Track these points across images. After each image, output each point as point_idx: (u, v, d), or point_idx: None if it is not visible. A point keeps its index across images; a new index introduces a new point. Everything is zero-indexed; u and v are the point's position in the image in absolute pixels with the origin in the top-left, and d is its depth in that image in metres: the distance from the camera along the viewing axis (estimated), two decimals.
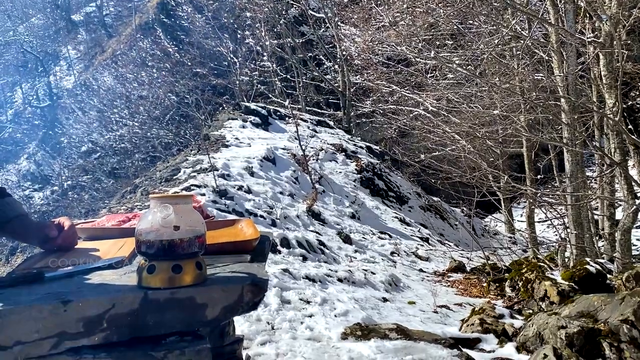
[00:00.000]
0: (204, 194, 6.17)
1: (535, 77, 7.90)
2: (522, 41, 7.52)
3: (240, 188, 6.93)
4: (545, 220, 9.22)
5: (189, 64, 18.31)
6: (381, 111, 14.16)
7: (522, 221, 11.81)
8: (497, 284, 6.01)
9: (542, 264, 5.87)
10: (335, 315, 4.00)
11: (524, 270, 5.63)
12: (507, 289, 5.70)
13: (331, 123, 13.78)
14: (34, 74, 28.99)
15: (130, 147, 15.71)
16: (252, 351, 3.11)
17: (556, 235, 8.29)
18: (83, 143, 17.69)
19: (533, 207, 10.21)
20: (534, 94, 6.50)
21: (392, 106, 13.36)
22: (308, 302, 4.16)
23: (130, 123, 16.57)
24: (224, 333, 1.79)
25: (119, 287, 1.19)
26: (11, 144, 23.99)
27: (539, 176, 8.93)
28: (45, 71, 28.08)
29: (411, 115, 12.56)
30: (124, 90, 18.22)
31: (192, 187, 6.38)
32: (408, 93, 11.66)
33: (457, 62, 8.55)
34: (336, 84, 16.84)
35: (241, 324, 3.42)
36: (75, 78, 26.54)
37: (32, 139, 23.66)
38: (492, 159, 11.66)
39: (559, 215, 8.07)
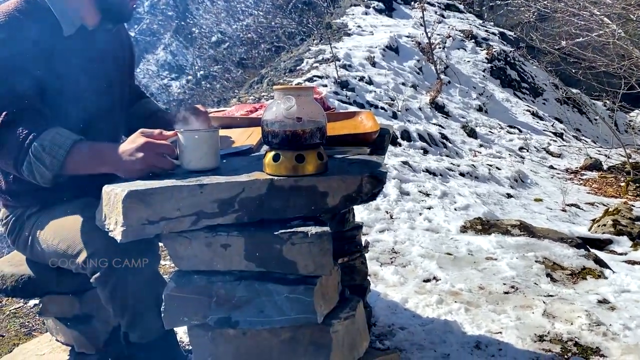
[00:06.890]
0: (325, 85, 6.20)
1: None
2: None
3: (361, 79, 6.86)
4: None
5: None
6: None
7: None
8: (637, 184, 5.54)
9: None
10: (455, 209, 3.99)
11: None
12: None
13: (461, 7, 12.77)
14: None
15: (256, 38, 15.99)
16: (370, 237, 3.24)
17: None
18: (212, 33, 18.31)
19: None
20: None
21: None
22: (427, 195, 4.17)
23: (255, 12, 16.73)
24: (345, 220, 1.87)
25: (248, 172, 1.27)
26: (149, 34, 25.46)
27: None
28: None
29: None
30: None
31: (314, 78, 6.43)
32: None
33: None
34: None
35: (361, 212, 3.55)
36: None
37: (167, 30, 24.88)
38: None
39: None
